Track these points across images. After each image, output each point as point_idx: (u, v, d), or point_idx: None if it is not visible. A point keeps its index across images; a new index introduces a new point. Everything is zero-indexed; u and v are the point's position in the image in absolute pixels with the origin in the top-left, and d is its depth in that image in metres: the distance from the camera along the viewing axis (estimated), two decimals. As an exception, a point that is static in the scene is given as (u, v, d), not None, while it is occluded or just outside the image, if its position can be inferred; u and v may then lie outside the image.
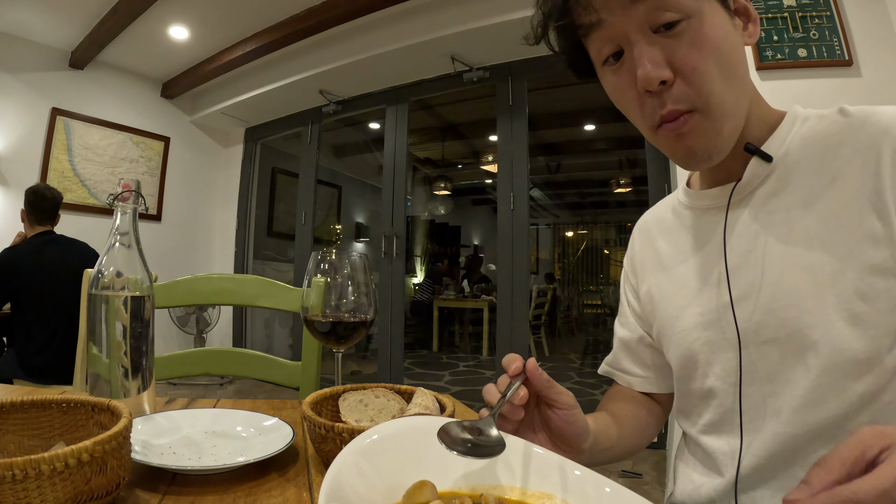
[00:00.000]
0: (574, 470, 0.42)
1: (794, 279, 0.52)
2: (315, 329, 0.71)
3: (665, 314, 0.65)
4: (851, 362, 0.49)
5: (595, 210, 9.03)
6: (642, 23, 0.49)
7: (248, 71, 3.81)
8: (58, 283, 2.08)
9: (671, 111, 0.50)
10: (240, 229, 4.59)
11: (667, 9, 0.48)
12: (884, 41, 1.84)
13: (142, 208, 0.64)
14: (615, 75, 0.53)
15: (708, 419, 0.60)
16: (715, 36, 0.49)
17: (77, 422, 0.49)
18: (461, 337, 6.50)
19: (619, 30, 0.50)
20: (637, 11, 0.49)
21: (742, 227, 0.58)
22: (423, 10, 2.94)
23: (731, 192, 0.58)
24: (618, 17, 0.49)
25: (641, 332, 0.72)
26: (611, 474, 2.40)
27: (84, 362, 0.93)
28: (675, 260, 0.65)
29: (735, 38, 0.51)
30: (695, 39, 0.49)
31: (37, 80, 3.61)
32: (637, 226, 0.77)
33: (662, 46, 0.49)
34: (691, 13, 0.48)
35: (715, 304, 0.58)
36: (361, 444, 0.39)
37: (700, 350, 0.60)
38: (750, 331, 0.55)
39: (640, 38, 0.49)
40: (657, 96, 0.51)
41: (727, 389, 0.58)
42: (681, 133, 0.51)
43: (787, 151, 0.56)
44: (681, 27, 0.48)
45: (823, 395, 0.50)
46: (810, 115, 0.57)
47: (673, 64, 0.49)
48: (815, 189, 0.53)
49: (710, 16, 0.49)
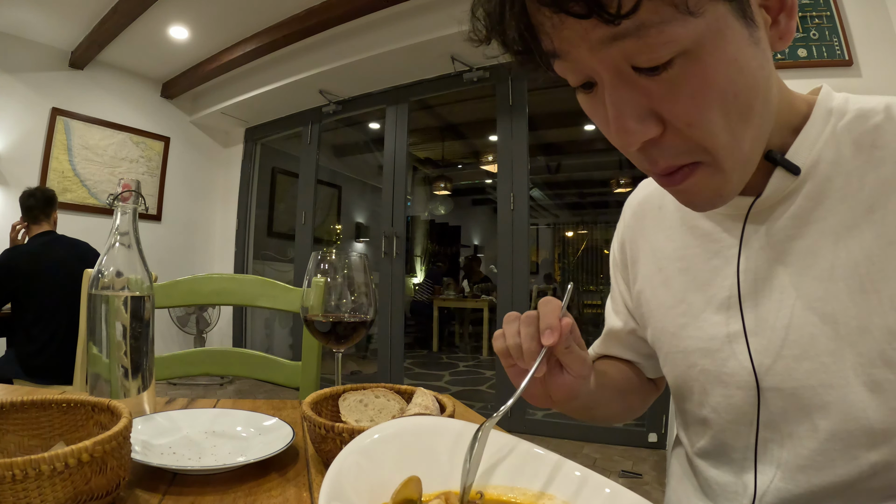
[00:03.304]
0: (574, 471, 0.42)
1: (811, 328, 0.45)
2: (315, 329, 0.71)
3: (661, 327, 0.59)
4: (865, 431, 0.43)
5: (595, 210, 9.03)
6: (620, 62, 0.36)
7: (248, 71, 3.81)
8: (58, 283, 2.08)
9: (667, 168, 0.40)
10: (240, 229, 4.59)
11: (655, 46, 0.34)
12: (884, 41, 1.84)
13: (142, 208, 0.64)
14: (590, 102, 0.41)
15: (703, 445, 0.56)
16: (723, 76, 0.36)
17: (77, 422, 0.49)
18: (461, 337, 6.51)
19: (585, 65, 0.38)
20: (612, 51, 0.35)
21: (756, 248, 0.49)
22: (423, 10, 2.94)
23: (749, 209, 0.48)
24: (585, 54, 0.36)
25: (634, 325, 0.66)
26: (611, 474, 2.40)
27: (84, 362, 0.93)
28: (674, 265, 0.57)
29: (755, 62, 0.37)
30: (693, 84, 0.35)
31: (37, 80, 3.61)
32: (629, 205, 0.66)
33: (645, 92, 0.36)
34: (690, 47, 0.34)
35: (719, 331, 0.51)
36: (362, 444, 0.39)
37: (696, 378, 0.54)
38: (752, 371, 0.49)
39: (613, 80, 0.37)
40: (643, 150, 0.40)
41: (724, 425, 0.52)
42: (680, 189, 0.42)
43: (819, 160, 0.45)
44: (674, 69, 0.35)
45: (831, 461, 0.45)
46: (849, 107, 0.46)
47: (661, 115, 0.37)
48: (848, 218, 0.44)
49: (719, 44, 0.35)
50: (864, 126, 0.45)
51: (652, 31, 0.33)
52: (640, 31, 0.33)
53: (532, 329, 0.46)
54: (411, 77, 3.50)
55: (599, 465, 2.45)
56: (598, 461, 2.49)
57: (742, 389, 0.50)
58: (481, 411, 0.76)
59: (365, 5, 2.95)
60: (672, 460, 0.66)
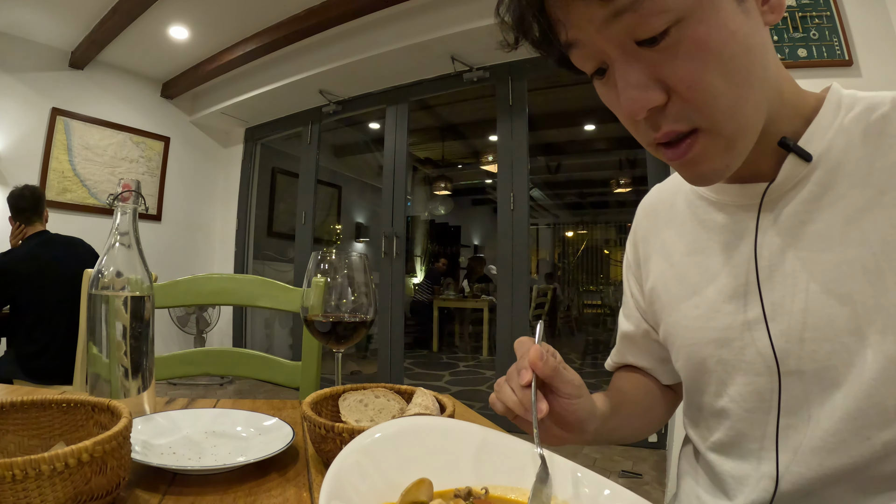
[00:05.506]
0: (575, 471, 0.42)
1: (829, 309, 0.46)
2: (315, 329, 0.70)
3: (673, 321, 0.59)
4: (878, 410, 0.44)
5: (595, 210, 9.04)
6: (623, 38, 0.40)
7: (248, 71, 3.81)
8: (57, 284, 2.08)
9: (667, 133, 0.43)
10: (240, 229, 4.59)
11: (650, 17, 0.38)
12: (884, 41, 1.84)
13: (142, 208, 0.64)
14: (604, 87, 0.46)
15: (718, 438, 0.56)
16: (716, 38, 0.39)
17: (77, 422, 0.49)
18: (461, 337, 6.51)
19: (597, 48, 0.42)
20: (614, 28, 0.40)
21: (770, 235, 0.50)
22: (423, 10, 2.94)
23: (763, 194, 0.49)
24: (593, 35, 0.41)
25: (646, 327, 0.66)
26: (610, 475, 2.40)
27: (84, 362, 0.93)
28: (686, 259, 0.58)
29: (746, 29, 0.41)
30: (690, 49, 0.39)
31: (37, 80, 3.61)
32: (642, 207, 0.68)
33: (649, 63, 0.40)
34: (682, 15, 0.38)
35: (736, 320, 0.52)
36: (363, 443, 0.39)
37: (714, 368, 0.54)
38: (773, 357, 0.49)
39: (620, 57, 0.41)
40: (649, 119, 0.43)
41: (742, 414, 0.52)
42: (684, 161, 0.44)
43: (829, 148, 0.47)
44: (670, 37, 0.39)
45: (844, 441, 0.45)
46: (857, 99, 0.49)
47: (664, 82, 0.41)
48: (859, 201, 0.46)
49: (709, 11, 0.39)
50: (873, 116, 0.47)
51: (646, 3, 0.38)
52: (636, 5, 0.38)
53: (517, 381, 0.47)
54: (411, 77, 3.50)
55: (599, 465, 2.45)
56: (598, 461, 2.49)
57: (762, 376, 0.50)
58: (481, 411, 0.75)
59: (365, 5, 2.95)
60: (681, 461, 0.66)
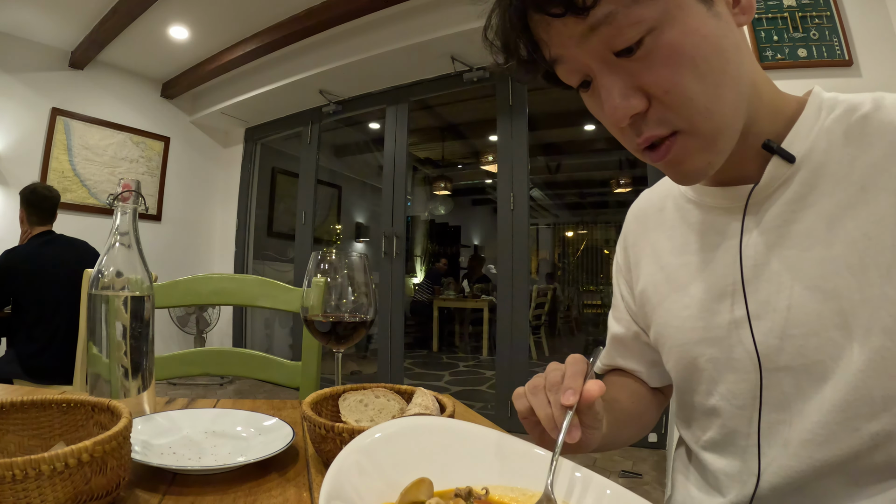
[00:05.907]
0: (575, 471, 0.42)
1: (816, 305, 0.47)
2: (315, 329, 0.71)
3: (664, 321, 0.60)
4: (866, 401, 0.45)
5: (595, 210, 9.03)
6: (602, 51, 0.43)
7: (248, 71, 3.81)
8: (58, 284, 2.08)
9: (648, 138, 0.45)
10: (240, 229, 4.59)
11: (624, 28, 0.41)
12: (884, 41, 1.84)
13: (142, 208, 0.64)
14: (590, 98, 0.48)
15: (710, 437, 0.57)
16: (689, 43, 0.41)
17: (77, 422, 0.49)
18: (461, 337, 6.50)
19: (579, 62, 0.44)
20: (593, 42, 0.42)
21: (755, 236, 0.51)
22: (423, 10, 2.94)
23: (749, 196, 0.51)
24: (574, 50, 0.43)
25: (637, 329, 0.67)
26: (611, 475, 2.40)
27: (84, 362, 0.93)
28: (675, 261, 0.59)
29: (718, 31, 0.43)
30: (664, 55, 0.41)
31: (37, 80, 3.61)
32: (632, 211, 0.70)
33: (628, 72, 0.43)
34: (655, 24, 0.41)
35: (724, 319, 0.53)
36: (363, 443, 0.39)
37: (704, 367, 0.55)
38: (762, 354, 0.50)
39: (601, 69, 0.43)
40: (633, 125, 0.45)
41: (733, 411, 0.53)
42: (667, 161, 0.46)
43: (812, 149, 0.49)
44: (645, 46, 0.41)
45: (833, 433, 0.46)
46: (838, 102, 0.50)
47: (644, 89, 0.43)
48: (842, 199, 0.47)
49: (679, 18, 0.41)
50: (854, 117, 0.48)
51: (619, 16, 0.40)
52: (610, 18, 0.41)
53: (559, 397, 0.45)
54: (411, 77, 3.50)
55: (599, 465, 2.45)
56: (598, 461, 2.49)
57: (751, 374, 0.51)
58: (481, 411, 0.75)
59: (365, 5, 2.95)
60: (675, 461, 0.67)
